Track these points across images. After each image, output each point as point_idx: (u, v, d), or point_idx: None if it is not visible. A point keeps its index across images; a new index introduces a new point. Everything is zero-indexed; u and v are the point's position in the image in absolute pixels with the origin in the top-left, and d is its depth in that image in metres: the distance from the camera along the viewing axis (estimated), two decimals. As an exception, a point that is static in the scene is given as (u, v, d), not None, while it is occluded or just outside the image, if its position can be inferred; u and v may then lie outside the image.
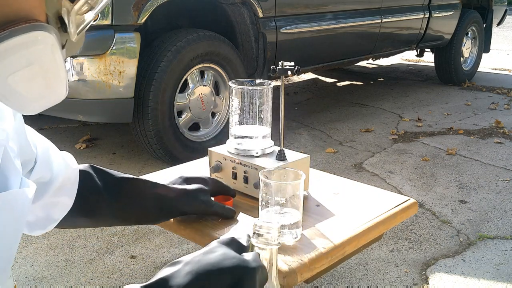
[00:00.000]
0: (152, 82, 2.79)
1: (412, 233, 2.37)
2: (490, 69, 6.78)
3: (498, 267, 2.09)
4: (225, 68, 3.18)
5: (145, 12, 2.70)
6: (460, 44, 5.56)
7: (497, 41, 8.98)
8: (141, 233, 2.32)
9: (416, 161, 3.30)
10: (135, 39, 2.68)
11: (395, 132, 3.89)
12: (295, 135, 3.75)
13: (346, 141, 3.67)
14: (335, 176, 1.31)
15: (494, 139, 3.78)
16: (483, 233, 2.39)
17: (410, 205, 1.14)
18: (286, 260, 0.89)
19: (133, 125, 2.90)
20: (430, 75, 6.20)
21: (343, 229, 1.01)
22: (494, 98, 5.12)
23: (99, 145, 3.47)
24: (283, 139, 1.16)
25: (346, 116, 4.32)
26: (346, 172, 3.08)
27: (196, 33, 2.99)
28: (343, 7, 4.00)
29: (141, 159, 3.20)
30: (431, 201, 2.71)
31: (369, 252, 2.19)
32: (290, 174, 0.97)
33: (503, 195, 2.81)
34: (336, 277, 2.01)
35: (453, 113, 4.50)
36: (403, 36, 4.85)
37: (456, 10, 5.34)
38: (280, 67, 1.11)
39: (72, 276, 2.00)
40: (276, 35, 3.41)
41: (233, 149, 1.17)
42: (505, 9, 6.47)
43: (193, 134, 3.11)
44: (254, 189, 1.11)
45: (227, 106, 3.22)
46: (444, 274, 2.05)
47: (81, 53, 2.56)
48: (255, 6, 3.25)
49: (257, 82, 1.16)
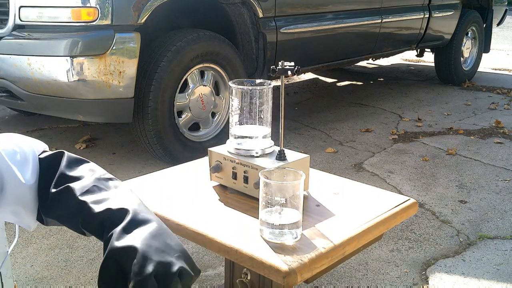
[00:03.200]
0: (152, 82, 2.79)
1: (412, 233, 2.37)
2: (490, 69, 6.78)
3: (498, 267, 2.09)
4: (225, 68, 3.18)
5: (145, 12, 2.70)
6: (460, 44, 5.56)
7: (497, 41, 8.98)
8: (141, 233, 2.31)
9: (416, 161, 3.30)
10: (135, 39, 2.68)
11: (395, 132, 3.89)
12: (295, 135, 3.75)
13: (346, 141, 3.67)
14: (335, 176, 1.31)
15: (494, 139, 3.78)
16: (483, 233, 2.39)
17: (410, 205, 1.14)
18: (286, 260, 0.89)
19: (133, 125, 2.90)
20: (430, 75, 6.20)
21: (343, 229, 1.01)
22: (494, 98, 5.12)
23: (99, 145, 3.47)
24: (283, 139, 1.16)
25: (346, 116, 4.32)
26: (346, 172, 3.08)
27: (196, 33, 2.99)
28: (343, 7, 4.00)
29: (141, 159, 3.20)
30: (431, 201, 2.71)
31: (369, 252, 2.19)
32: (290, 174, 0.97)
33: (503, 195, 2.81)
34: (336, 277, 2.01)
35: (453, 113, 4.50)
36: (403, 36, 4.85)
37: (456, 10, 5.34)
38: (280, 67, 1.11)
39: (72, 276, 2.00)
40: (276, 35, 3.41)
41: (233, 149, 1.17)
42: (505, 9, 6.47)
43: (193, 134, 3.11)
44: (254, 189, 1.11)
45: (227, 106, 3.22)
46: (444, 274, 2.05)
47: (81, 53, 2.56)
48: (255, 6, 3.25)
49: (257, 82, 1.16)
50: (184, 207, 1.12)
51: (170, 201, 1.15)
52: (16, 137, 0.87)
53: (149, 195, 1.18)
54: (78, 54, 2.56)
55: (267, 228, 0.96)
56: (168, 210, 1.10)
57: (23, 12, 2.65)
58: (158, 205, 1.12)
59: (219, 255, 2.03)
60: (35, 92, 2.72)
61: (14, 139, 0.86)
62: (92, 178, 0.81)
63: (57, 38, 2.60)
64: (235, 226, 1.03)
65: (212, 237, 0.98)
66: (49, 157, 0.86)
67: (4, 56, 2.69)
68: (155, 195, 1.18)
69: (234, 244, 0.95)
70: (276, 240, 0.95)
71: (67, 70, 2.56)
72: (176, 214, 1.08)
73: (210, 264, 2.07)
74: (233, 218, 1.07)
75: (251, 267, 0.92)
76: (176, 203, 1.14)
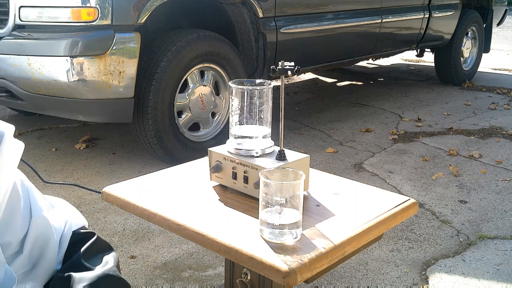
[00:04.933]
0: (152, 82, 2.79)
1: (412, 233, 2.37)
2: (490, 69, 6.78)
3: (498, 267, 2.09)
4: (225, 68, 3.18)
5: (145, 12, 2.70)
6: (460, 44, 5.56)
7: (497, 41, 8.98)
8: (141, 233, 2.32)
9: (416, 161, 3.30)
10: (135, 39, 2.68)
11: (395, 132, 3.89)
12: (295, 135, 3.75)
13: (346, 141, 3.67)
14: (335, 176, 1.31)
15: (494, 139, 3.78)
16: (483, 233, 2.39)
17: (410, 205, 1.14)
18: (286, 260, 0.89)
19: (133, 125, 2.90)
20: (430, 75, 6.20)
21: (343, 229, 1.01)
22: (494, 98, 5.12)
23: (99, 145, 3.47)
24: (283, 139, 1.16)
25: (346, 116, 4.32)
26: (346, 172, 3.08)
27: (196, 33, 2.99)
28: (343, 7, 4.00)
29: (141, 159, 3.20)
30: (431, 201, 2.71)
31: (369, 252, 2.19)
32: (290, 174, 0.97)
33: (503, 195, 2.81)
34: (336, 277, 2.01)
35: (453, 113, 4.50)
36: (403, 36, 4.85)
37: (456, 10, 5.34)
38: (280, 67, 1.11)
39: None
40: (276, 35, 3.41)
41: (233, 149, 1.17)
42: (505, 9, 6.46)
43: (193, 134, 3.11)
44: (254, 189, 1.11)
45: (227, 106, 3.22)
46: (444, 274, 2.05)
47: (81, 53, 2.56)
48: (255, 6, 3.25)
49: (257, 82, 1.16)
50: (184, 207, 1.12)
51: (170, 201, 1.15)
52: (63, 206, 0.90)
53: (149, 195, 1.18)
54: (78, 54, 2.56)
55: (267, 228, 0.96)
56: (168, 210, 1.10)
57: (23, 12, 2.65)
58: (158, 205, 1.12)
59: (219, 255, 2.04)
60: (35, 92, 2.72)
61: (62, 206, 0.89)
62: (100, 271, 0.82)
63: (57, 38, 2.60)
64: (235, 226, 1.03)
65: (212, 237, 0.98)
66: (79, 235, 0.88)
67: (4, 56, 2.69)
68: (155, 195, 1.18)
69: (234, 244, 0.95)
70: (276, 240, 0.95)
71: (67, 70, 2.56)
72: (176, 214, 1.08)
73: (210, 264, 2.08)
74: (233, 218, 1.07)
75: (251, 267, 0.92)
76: (176, 203, 1.14)
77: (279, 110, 1.14)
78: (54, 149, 3.34)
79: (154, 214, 1.09)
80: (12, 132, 0.70)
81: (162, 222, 1.07)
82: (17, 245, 0.78)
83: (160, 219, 1.08)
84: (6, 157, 0.67)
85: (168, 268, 2.04)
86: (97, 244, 0.87)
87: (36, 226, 0.79)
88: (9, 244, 0.76)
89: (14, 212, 0.76)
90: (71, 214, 0.90)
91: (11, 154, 0.69)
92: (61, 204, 0.90)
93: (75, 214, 0.91)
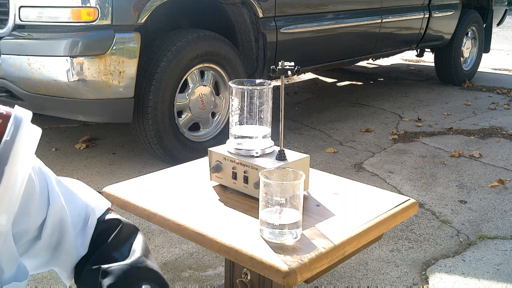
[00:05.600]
0: (152, 82, 2.79)
1: (412, 233, 2.37)
2: (490, 69, 6.78)
3: (498, 267, 2.09)
4: (225, 68, 3.18)
5: (145, 12, 2.70)
6: (460, 44, 5.56)
7: (497, 41, 8.98)
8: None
9: (416, 161, 3.30)
10: (135, 39, 2.68)
11: (395, 132, 3.89)
12: (295, 135, 3.75)
13: (346, 141, 3.67)
14: (335, 176, 1.31)
15: (494, 139, 3.78)
16: (483, 233, 2.39)
17: (410, 205, 1.14)
18: (286, 260, 0.89)
19: (133, 125, 2.90)
20: (430, 75, 6.20)
21: (343, 229, 1.01)
22: (494, 98, 5.12)
23: (99, 145, 3.47)
24: (283, 139, 1.16)
25: (346, 116, 4.32)
26: (346, 172, 3.08)
27: (196, 33, 2.99)
28: (343, 7, 4.00)
29: (141, 159, 3.20)
30: (431, 201, 2.71)
31: (369, 252, 2.19)
32: (290, 174, 0.97)
33: (503, 195, 2.81)
34: (336, 277, 2.01)
35: (453, 113, 4.50)
36: (403, 36, 4.85)
37: (456, 10, 5.34)
38: (280, 67, 1.11)
39: (72, 276, 2.00)
40: (276, 35, 3.41)
41: (233, 149, 1.17)
42: (505, 9, 6.46)
43: (193, 134, 3.11)
44: (254, 189, 1.11)
45: (227, 106, 3.22)
46: (444, 274, 2.05)
47: (81, 53, 2.56)
48: (255, 6, 3.25)
49: (257, 82, 1.16)
50: (184, 207, 1.12)
51: (170, 201, 1.15)
52: (82, 190, 0.91)
53: (149, 195, 1.18)
54: (78, 54, 2.56)
55: (267, 228, 0.96)
56: (168, 210, 1.10)
57: (23, 12, 2.65)
58: (158, 205, 1.12)
59: (219, 255, 2.04)
60: (35, 92, 2.72)
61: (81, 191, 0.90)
62: (129, 260, 0.83)
63: (57, 38, 2.60)
64: (235, 226, 1.03)
65: (212, 237, 0.98)
66: (104, 223, 0.89)
67: (4, 56, 2.69)
68: (155, 195, 1.18)
69: (234, 244, 0.95)
70: (276, 240, 0.95)
71: (67, 70, 2.56)
72: (176, 214, 1.08)
73: (210, 264, 2.08)
74: (233, 218, 1.07)
75: (251, 267, 0.92)
76: (176, 203, 1.14)
77: (279, 110, 1.14)
78: (54, 149, 3.34)
79: (154, 214, 1.09)
80: (30, 117, 0.71)
81: (162, 222, 1.08)
82: (35, 230, 0.80)
83: (160, 219, 1.08)
84: (24, 143, 0.68)
85: (168, 268, 2.04)
86: (124, 231, 0.88)
87: (54, 213, 0.81)
88: (26, 231, 0.78)
89: (29, 199, 0.77)
90: (93, 198, 0.90)
91: (29, 140, 0.70)
92: (81, 188, 0.91)
93: (97, 198, 0.92)
